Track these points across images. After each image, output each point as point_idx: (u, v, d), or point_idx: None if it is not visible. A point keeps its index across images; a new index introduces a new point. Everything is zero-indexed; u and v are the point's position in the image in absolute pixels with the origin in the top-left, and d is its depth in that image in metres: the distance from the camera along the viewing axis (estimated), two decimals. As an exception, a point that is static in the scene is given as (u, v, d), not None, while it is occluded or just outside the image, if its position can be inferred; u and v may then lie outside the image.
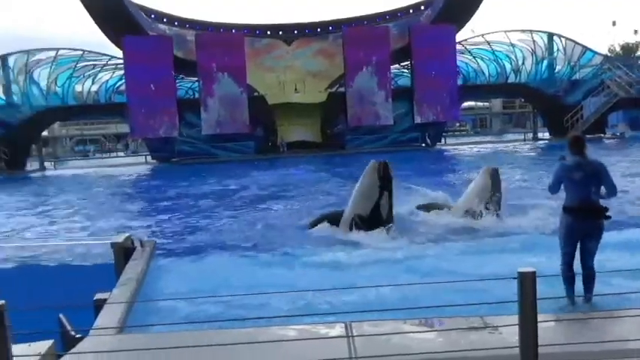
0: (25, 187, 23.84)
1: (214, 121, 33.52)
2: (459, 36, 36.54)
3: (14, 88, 34.32)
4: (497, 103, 54.62)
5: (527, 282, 3.76)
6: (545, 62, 37.21)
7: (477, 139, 44.04)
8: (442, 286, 5.68)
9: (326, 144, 35.35)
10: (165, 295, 6.62)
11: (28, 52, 34.31)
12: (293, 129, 35.76)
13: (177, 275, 7.53)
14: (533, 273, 3.74)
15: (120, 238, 7.17)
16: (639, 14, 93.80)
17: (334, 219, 9.88)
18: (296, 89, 35.65)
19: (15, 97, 34.28)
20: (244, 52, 33.89)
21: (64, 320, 4.72)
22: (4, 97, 34.42)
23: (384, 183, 9.20)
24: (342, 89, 35.55)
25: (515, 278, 3.78)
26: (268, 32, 36.92)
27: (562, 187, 5.64)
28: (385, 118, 34.67)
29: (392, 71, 35.57)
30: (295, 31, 36.99)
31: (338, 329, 3.84)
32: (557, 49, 37.36)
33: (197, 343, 3.54)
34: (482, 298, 5.19)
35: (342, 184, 16.72)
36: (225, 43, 33.61)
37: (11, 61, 34.15)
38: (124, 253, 7.09)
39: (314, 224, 10.09)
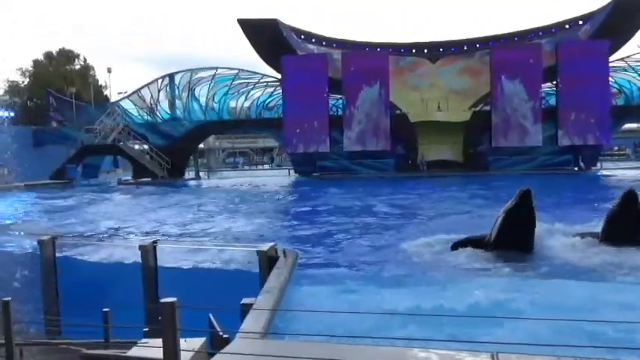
0: (183, 193, 25.96)
1: (356, 137, 34.01)
2: (623, 52, 33.65)
3: (178, 103, 37.74)
4: (664, 126, 49.09)
5: None
6: None
7: (639, 164, 39.88)
8: (599, 324, 5.14)
9: (468, 164, 34.25)
10: (305, 306, 6.75)
11: (192, 71, 37.54)
12: (434, 148, 35.12)
13: (316, 287, 7.65)
14: None
15: (265, 247, 7.42)
16: None
17: (478, 242, 9.51)
18: (439, 107, 35.04)
19: (178, 112, 37.69)
20: (388, 71, 34.09)
21: (213, 321, 4.99)
22: (169, 112, 38.00)
23: (527, 211, 8.74)
24: (487, 108, 34.29)
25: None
26: (413, 50, 36.82)
27: None
28: (533, 138, 32.77)
29: (543, 90, 33.57)
30: (441, 49, 36.49)
31: (483, 358, 3.61)
32: None
33: (339, 356, 3.53)
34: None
35: (483, 206, 16.01)
36: (370, 61, 34.09)
37: (177, 79, 37.63)
38: (268, 261, 7.34)
39: (456, 246, 9.75)
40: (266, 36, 34.39)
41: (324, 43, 37.67)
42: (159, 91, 37.76)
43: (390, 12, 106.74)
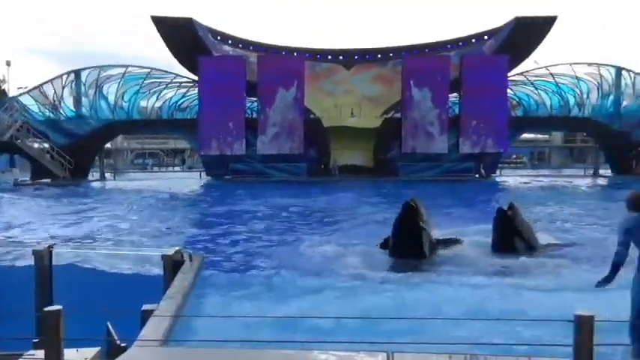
0: (84, 195, 24.75)
1: (270, 141, 34.00)
2: (522, 67, 35.91)
3: (84, 101, 35.97)
4: (557, 137, 52.95)
5: (584, 326, 3.55)
6: (611, 97, 35.96)
7: (535, 172, 42.79)
8: (490, 322, 5.46)
9: (378, 169, 35.21)
10: (210, 311, 6.66)
11: (100, 68, 35.94)
12: (346, 153, 35.80)
13: (222, 292, 7.57)
14: (592, 317, 3.53)
15: (170, 251, 7.25)
16: None
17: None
18: (352, 113, 35.78)
19: (84, 110, 35.92)
20: (304, 75, 34.38)
21: (111, 328, 4.80)
22: (74, 110, 36.11)
23: (406, 221, 9.25)
24: (397, 115, 35.42)
25: (570, 321, 3.57)
26: (329, 57, 37.36)
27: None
28: (439, 146, 34.24)
29: (450, 100, 35.17)
30: (355, 57, 37.28)
31: (380, 358, 3.73)
32: (625, 84, 36.07)
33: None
34: (532, 337, 4.95)
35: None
36: (286, 65, 34.20)
37: (84, 76, 35.86)
38: (173, 265, 7.18)
39: (382, 247, 10.08)
40: (181, 35, 33.62)
41: (240, 45, 37.33)
42: (63, 87, 35.77)
43: (309, 18, 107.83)
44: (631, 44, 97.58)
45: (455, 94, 35.90)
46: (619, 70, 36.16)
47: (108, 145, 42.01)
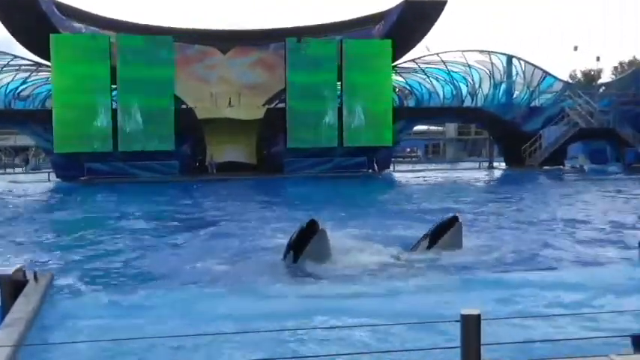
0: None
1: (133, 135, 32.98)
2: (413, 53, 37.69)
3: None
4: (451, 129, 56.32)
5: (470, 325, 3.94)
6: (503, 86, 38.83)
7: (430, 166, 45.24)
8: (388, 327, 5.85)
9: (262, 166, 35.45)
10: (61, 338, 6.46)
11: None
12: (224, 148, 35.66)
13: (75, 316, 7.35)
14: (478, 316, 3.92)
15: (9, 270, 6.98)
16: (601, 40, 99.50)
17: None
18: (230, 103, 35.66)
19: None
20: (173, 59, 33.71)
21: None
22: None
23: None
24: (282, 105, 35.81)
25: (457, 321, 3.94)
26: (201, 39, 36.85)
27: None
28: (328, 139, 35.13)
29: (338, 88, 36.09)
30: (232, 40, 37.13)
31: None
32: (517, 73, 39.11)
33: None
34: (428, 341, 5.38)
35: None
36: (150, 47, 33.31)
37: None
38: (13, 287, 6.89)
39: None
40: (20, 9, 31.60)
41: (94, 23, 35.80)
42: None
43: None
44: (522, 31, 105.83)
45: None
46: (510, 58, 39.16)
47: None
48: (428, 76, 38.08)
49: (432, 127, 55.37)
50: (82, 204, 22.04)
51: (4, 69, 33.99)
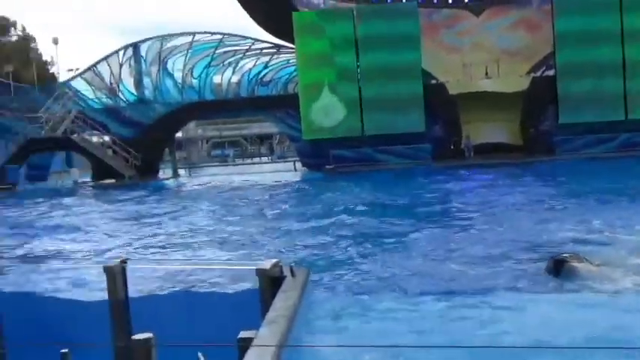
0: (157, 198, 26.09)
1: (380, 118, 33.93)
2: None
3: (146, 81, 37.86)
4: None
5: None
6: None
7: None
8: None
9: (528, 147, 34.11)
10: (320, 338, 6.80)
11: (162, 38, 37.63)
12: (482, 127, 35.02)
13: (336, 314, 7.69)
14: None
15: (267, 265, 7.45)
16: None
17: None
18: (487, 74, 34.94)
19: (147, 92, 37.80)
20: (418, 27, 34.04)
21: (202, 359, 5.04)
22: (135, 93, 38.09)
23: None
24: (550, 73, 34.08)
25: None
26: (449, 1, 36.68)
27: None
28: (616, 110, 32.55)
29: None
30: (485, 0, 36.33)
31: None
32: None
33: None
34: None
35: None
36: (392, 15, 34.03)
37: (143, 49, 37.71)
38: (271, 282, 7.38)
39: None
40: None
41: (334, -5, 37.63)
42: (120, 65, 37.90)
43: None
44: None
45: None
46: None
47: (179, 135, 43.91)
48: None
49: None
50: (330, 194, 23.16)
51: (246, 54, 37.29)
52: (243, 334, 5.51)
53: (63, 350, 4.95)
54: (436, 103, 34.08)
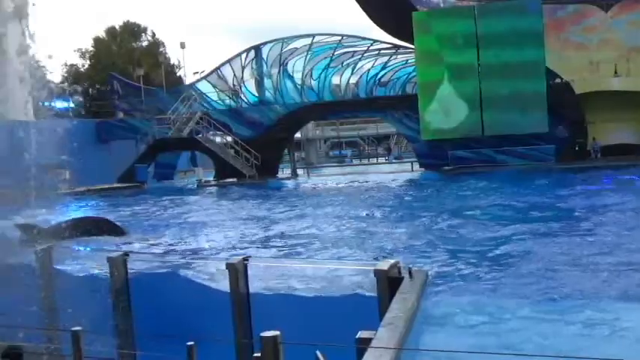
0: (278, 197, 26.72)
1: (500, 117, 33.18)
2: None
3: (267, 82, 38.78)
4: None
5: None
6: None
7: None
8: None
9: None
10: (438, 342, 6.71)
11: (283, 41, 38.39)
12: (610, 128, 33.52)
13: (456, 318, 7.57)
14: None
15: (385, 265, 7.43)
16: None
17: None
18: (616, 72, 33.41)
19: (267, 94, 38.70)
20: (541, 25, 33.03)
21: (321, 358, 5.08)
22: (256, 94, 39.09)
23: None
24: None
25: None
26: (575, -2, 35.34)
27: None
28: None
29: None
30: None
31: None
32: None
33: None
34: None
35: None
36: (514, 12, 33.18)
37: (265, 51, 38.64)
38: (389, 283, 7.36)
39: None
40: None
41: (454, -6, 37.16)
42: (243, 68, 39.01)
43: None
44: None
45: None
46: None
47: (297, 135, 44.67)
48: None
49: None
50: (451, 194, 22.89)
51: (365, 55, 37.41)
52: (361, 334, 5.52)
53: (189, 343, 5.12)
54: (560, 102, 32.91)
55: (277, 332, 3.41)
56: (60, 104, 35.92)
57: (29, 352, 6.78)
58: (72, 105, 39.16)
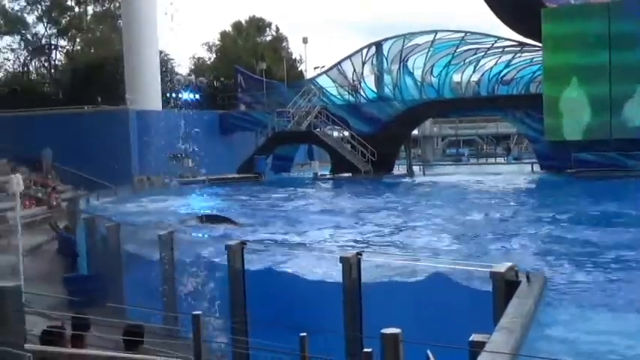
0: (394, 193, 26.65)
1: (631, 120, 31.47)
2: None
3: (386, 79, 38.69)
4: None
5: None
6: None
7: None
8: None
9: None
10: (554, 350, 6.50)
11: (404, 37, 38.14)
12: None
13: (575, 326, 7.31)
14: None
15: (502, 268, 7.27)
16: None
17: None
18: None
19: (386, 90, 38.63)
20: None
21: (431, 358, 5.02)
22: (375, 90, 39.09)
23: None
24: None
25: None
26: None
27: None
28: None
29: None
30: None
31: None
32: None
33: None
34: None
35: None
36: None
37: (386, 48, 38.56)
38: (505, 286, 7.18)
39: None
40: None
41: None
42: (363, 63, 39.09)
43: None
44: None
45: None
46: None
47: (415, 132, 44.37)
48: None
49: None
50: (576, 199, 22.07)
51: (488, 52, 36.56)
52: (475, 337, 5.40)
53: (301, 334, 5.18)
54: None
55: (398, 330, 3.38)
56: (187, 95, 37.43)
57: (149, 332, 7.10)
58: (197, 97, 40.56)
